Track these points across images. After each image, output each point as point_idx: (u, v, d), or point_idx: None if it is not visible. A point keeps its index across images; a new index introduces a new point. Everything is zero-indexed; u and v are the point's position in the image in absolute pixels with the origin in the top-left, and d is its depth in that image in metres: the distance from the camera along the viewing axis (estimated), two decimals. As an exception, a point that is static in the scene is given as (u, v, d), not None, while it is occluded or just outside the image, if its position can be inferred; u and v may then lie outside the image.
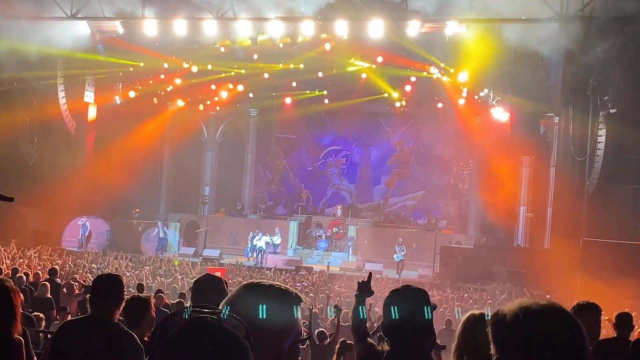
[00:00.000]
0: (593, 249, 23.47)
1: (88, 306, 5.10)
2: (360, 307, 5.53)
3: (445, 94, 32.22)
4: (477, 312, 4.18)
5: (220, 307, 2.73)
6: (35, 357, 5.10)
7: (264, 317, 2.35)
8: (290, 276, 25.69)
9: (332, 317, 13.57)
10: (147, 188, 36.29)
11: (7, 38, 25.98)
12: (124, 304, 5.07)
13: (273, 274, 25.69)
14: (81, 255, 27.46)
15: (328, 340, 11.16)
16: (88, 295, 5.06)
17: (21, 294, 4.98)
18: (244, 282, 2.71)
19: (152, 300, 5.52)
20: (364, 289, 5.50)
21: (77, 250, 29.28)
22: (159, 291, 13.94)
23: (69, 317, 9.50)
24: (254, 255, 31.94)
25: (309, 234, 35.34)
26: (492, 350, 2.27)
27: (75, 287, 14.12)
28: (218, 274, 24.15)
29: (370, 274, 5.71)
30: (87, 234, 31.67)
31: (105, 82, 33.29)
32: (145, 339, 5.02)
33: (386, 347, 4.85)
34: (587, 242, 24.46)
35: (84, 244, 31.11)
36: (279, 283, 2.56)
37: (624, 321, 7.85)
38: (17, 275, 14.83)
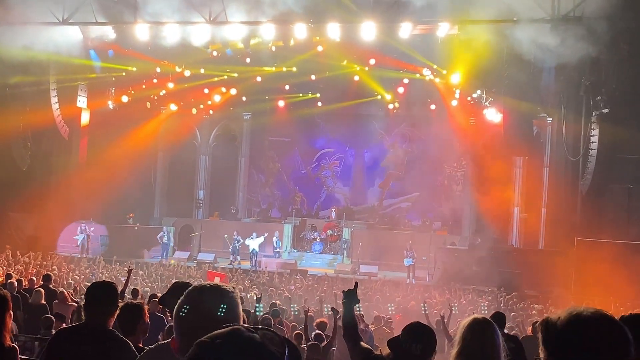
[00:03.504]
0: (587, 248, 23.52)
1: (82, 313, 5.10)
2: (349, 313, 5.57)
3: (438, 96, 32.26)
4: (480, 316, 4.17)
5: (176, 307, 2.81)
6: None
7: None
8: (285, 279, 25.67)
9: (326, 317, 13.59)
10: (141, 192, 36.26)
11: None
12: (118, 310, 5.06)
13: (268, 277, 25.71)
14: (78, 261, 27.33)
15: (325, 342, 11.17)
16: (82, 303, 5.05)
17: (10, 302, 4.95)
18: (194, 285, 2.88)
19: (146, 307, 5.51)
20: (350, 297, 5.54)
21: (77, 257, 29.06)
22: (152, 296, 13.88)
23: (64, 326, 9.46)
24: (237, 258, 31.79)
25: (303, 237, 35.32)
26: (541, 354, 2.44)
27: (67, 296, 13.99)
28: (217, 279, 24.10)
29: (356, 283, 5.76)
30: (87, 240, 31.61)
31: (97, 87, 33.28)
32: (140, 345, 5.00)
33: (386, 351, 4.89)
34: (582, 241, 24.50)
35: (85, 250, 31.04)
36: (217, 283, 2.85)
37: None
38: (9, 281, 14.77)
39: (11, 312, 4.77)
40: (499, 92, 28.93)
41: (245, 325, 1.98)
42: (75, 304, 12.41)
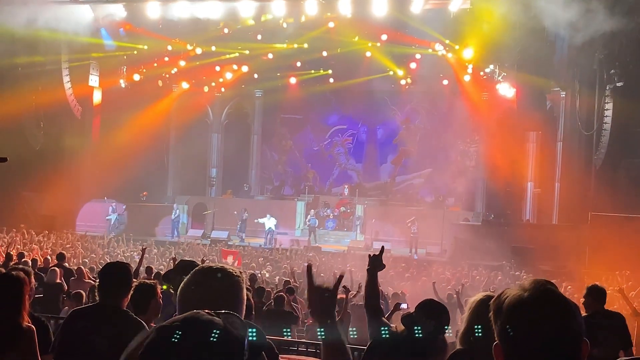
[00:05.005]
0: (601, 223, 23.45)
1: (96, 293, 5.13)
2: (373, 280, 5.49)
3: (450, 71, 32.08)
4: (484, 295, 4.14)
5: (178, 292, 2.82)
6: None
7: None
8: (298, 256, 25.75)
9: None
10: (154, 171, 36.33)
11: (11, 23, 25.94)
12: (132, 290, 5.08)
13: (281, 254, 25.81)
14: (92, 239, 27.49)
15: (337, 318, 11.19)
16: (97, 282, 5.08)
17: (31, 282, 5.00)
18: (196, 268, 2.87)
19: (159, 287, 5.53)
20: (376, 263, 5.45)
21: (91, 235, 29.24)
22: (158, 275, 13.85)
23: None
24: (242, 236, 31.98)
25: (316, 214, 35.30)
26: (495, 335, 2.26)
27: (85, 273, 14.12)
28: (231, 257, 24.07)
29: (382, 247, 5.68)
30: (116, 218, 31.98)
31: (109, 66, 33.34)
32: (152, 324, 5.03)
33: (401, 327, 4.89)
34: (595, 216, 24.45)
35: (114, 228, 31.43)
36: (223, 265, 2.84)
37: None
38: (23, 259, 14.86)
39: (29, 295, 4.81)
40: (512, 66, 28.79)
41: (207, 310, 1.99)
42: (92, 282, 12.49)
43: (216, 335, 1.88)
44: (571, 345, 2.14)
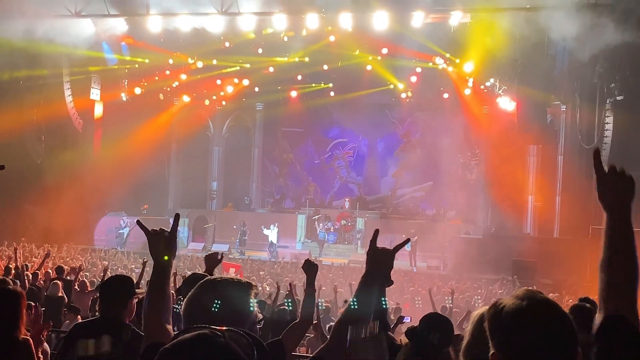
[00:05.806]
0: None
1: (97, 306, 5.14)
2: (381, 297, 5.49)
3: (451, 85, 32.16)
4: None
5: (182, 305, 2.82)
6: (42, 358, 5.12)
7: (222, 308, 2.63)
8: (299, 270, 25.64)
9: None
10: (155, 184, 36.33)
11: (13, 36, 26.01)
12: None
13: (282, 268, 25.74)
14: (95, 253, 27.49)
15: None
16: (98, 296, 5.09)
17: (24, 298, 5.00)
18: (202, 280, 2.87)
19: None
20: (384, 277, 5.45)
21: (93, 248, 29.25)
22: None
23: (79, 318, 9.53)
24: (242, 249, 31.99)
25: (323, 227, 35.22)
26: (491, 343, 2.28)
27: (87, 284, 14.13)
28: (232, 270, 23.92)
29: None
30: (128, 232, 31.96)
31: (110, 79, 33.43)
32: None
33: (405, 340, 4.89)
34: (597, 229, 24.17)
35: (124, 242, 31.41)
36: (232, 277, 2.87)
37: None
38: (26, 272, 14.81)
39: (24, 310, 4.81)
40: (513, 80, 28.83)
41: (213, 327, 1.98)
42: (94, 295, 12.48)
43: (222, 356, 1.87)
44: (570, 351, 2.17)
